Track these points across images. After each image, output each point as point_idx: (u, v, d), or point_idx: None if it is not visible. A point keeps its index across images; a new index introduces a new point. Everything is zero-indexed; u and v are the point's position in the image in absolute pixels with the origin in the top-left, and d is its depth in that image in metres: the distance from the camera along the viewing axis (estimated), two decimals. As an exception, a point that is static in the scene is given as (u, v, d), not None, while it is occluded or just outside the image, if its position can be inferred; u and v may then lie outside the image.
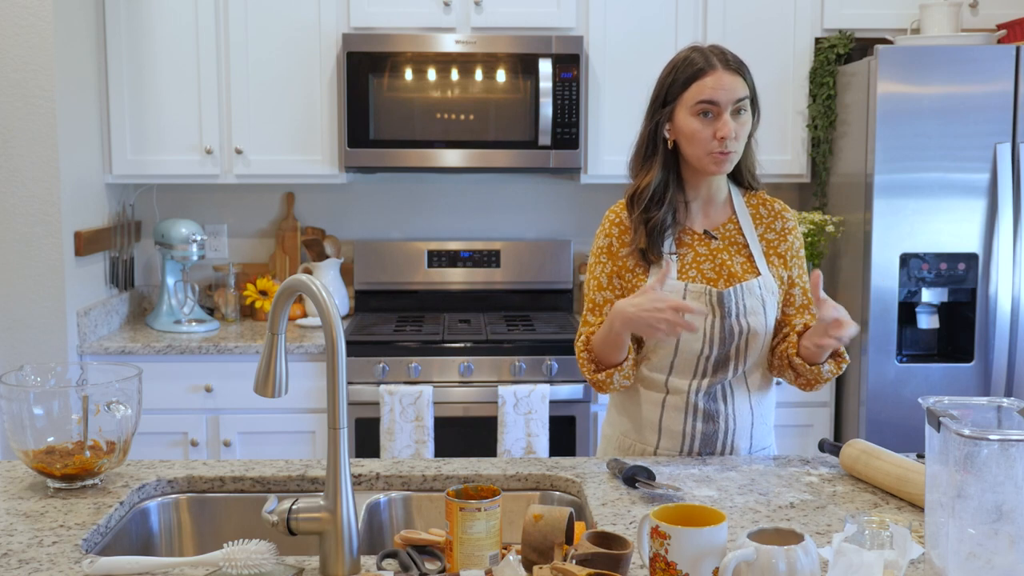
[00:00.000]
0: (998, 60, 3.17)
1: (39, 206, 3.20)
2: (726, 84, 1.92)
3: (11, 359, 3.17)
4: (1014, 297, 3.23)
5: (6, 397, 1.76)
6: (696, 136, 1.94)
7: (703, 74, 1.93)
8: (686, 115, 1.95)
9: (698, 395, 2.00)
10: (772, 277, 2.03)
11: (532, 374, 3.33)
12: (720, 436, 2.02)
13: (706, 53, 1.96)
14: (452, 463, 1.96)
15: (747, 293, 1.99)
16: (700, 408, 2.01)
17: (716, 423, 2.01)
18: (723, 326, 1.97)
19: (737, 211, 2.07)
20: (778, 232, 2.08)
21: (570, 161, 3.50)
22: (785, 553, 1.25)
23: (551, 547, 1.44)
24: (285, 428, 3.35)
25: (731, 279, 2.00)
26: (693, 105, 1.93)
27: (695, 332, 1.92)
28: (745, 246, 2.04)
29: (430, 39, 3.46)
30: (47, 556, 1.50)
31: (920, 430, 1.49)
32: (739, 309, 1.97)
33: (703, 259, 2.02)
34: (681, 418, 2.01)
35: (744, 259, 2.03)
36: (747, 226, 2.06)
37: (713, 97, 1.92)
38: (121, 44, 3.50)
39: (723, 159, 1.95)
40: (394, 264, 3.87)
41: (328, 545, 1.45)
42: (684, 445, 2.02)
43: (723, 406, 2.02)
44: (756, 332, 1.98)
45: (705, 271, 2.01)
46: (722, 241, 2.04)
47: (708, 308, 1.96)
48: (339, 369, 1.46)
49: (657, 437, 2.04)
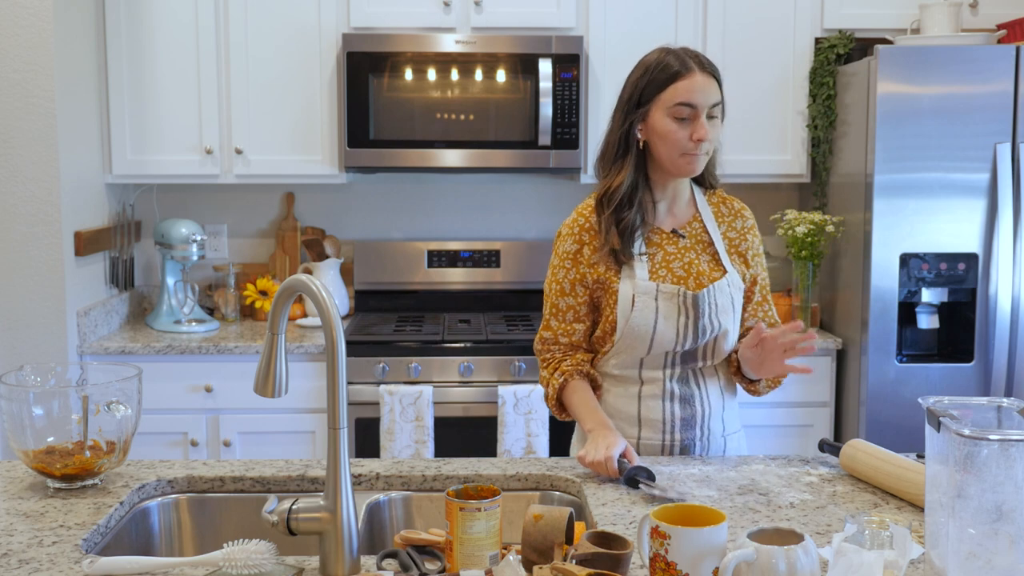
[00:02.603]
0: (998, 60, 3.17)
1: (39, 206, 3.20)
2: (703, 87, 1.95)
3: (11, 359, 3.17)
4: (1014, 297, 3.23)
5: (6, 397, 1.76)
6: (671, 137, 1.96)
7: (680, 76, 1.95)
8: (662, 116, 1.97)
9: (672, 380, 2.05)
10: (736, 274, 2.08)
11: (532, 374, 3.33)
12: (698, 418, 2.05)
13: (680, 56, 1.98)
14: (452, 463, 1.96)
15: (718, 292, 2.03)
16: (677, 393, 2.05)
17: (693, 406, 2.05)
18: (696, 326, 2.01)
19: (700, 209, 2.11)
20: (739, 231, 2.12)
21: (570, 161, 3.50)
22: (785, 553, 1.25)
23: (551, 547, 1.44)
24: (285, 428, 3.35)
25: (699, 277, 2.04)
26: (671, 107, 1.95)
27: None
28: (710, 244, 2.08)
29: (430, 39, 3.46)
30: (47, 556, 1.50)
31: (920, 430, 1.49)
32: (712, 309, 2.01)
33: (672, 258, 2.05)
34: (659, 405, 2.04)
35: (710, 257, 2.07)
36: (711, 224, 2.09)
37: (691, 100, 1.94)
38: (121, 44, 3.50)
39: (696, 160, 1.99)
40: (394, 264, 3.87)
41: (328, 545, 1.45)
42: (665, 433, 2.04)
43: (697, 389, 2.06)
44: (727, 329, 2.04)
45: (675, 270, 2.04)
46: (689, 239, 2.08)
47: (681, 309, 2.00)
48: (339, 369, 1.46)
49: (637, 429, 2.05)
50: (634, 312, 1.99)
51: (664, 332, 2.00)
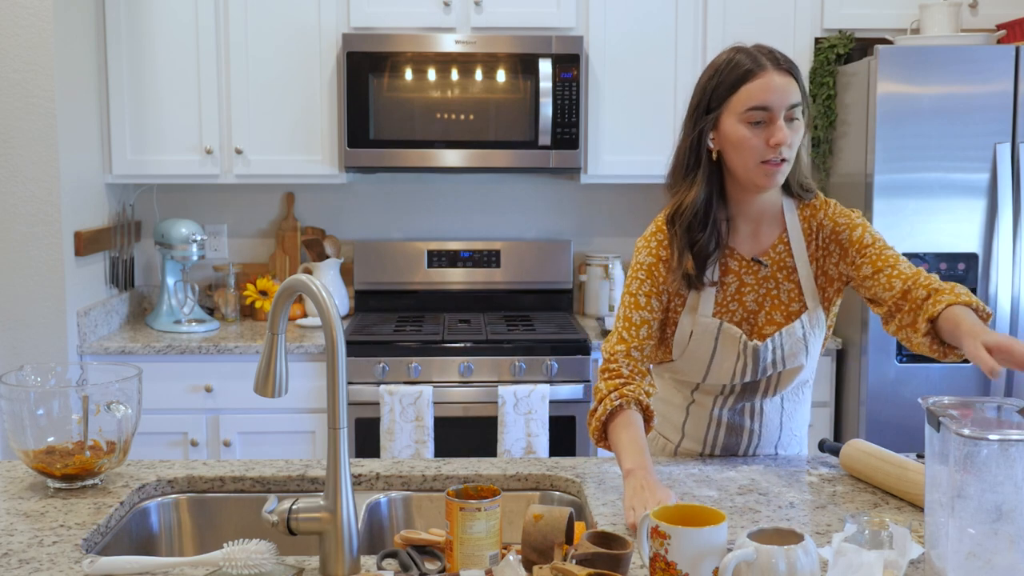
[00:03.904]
0: (998, 60, 3.17)
1: (39, 206, 3.20)
2: (779, 86, 1.73)
3: (11, 359, 3.17)
4: (1014, 297, 3.23)
5: (6, 397, 1.76)
6: (746, 144, 1.75)
7: (752, 76, 1.73)
8: (734, 122, 1.76)
9: (722, 409, 1.97)
10: (819, 307, 1.89)
11: (532, 374, 3.33)
12: (743, 447, 2.00)
13: (752, 53, 1.77)
14: (452, 463, 1.96)
15: (787, 338, 1.87)
16: (724, 422, 1.98)
17: (740, 436, 1.99)
18: (755, 369, 1.90)
19: (789, 229, 1.88)
20: (823, 238, 1.88)
21: (570, 161, 3.50)
22: (785, 553, 1.25)
23: (551, 547, 1.44)
24: (285, 428, 3.34)
25: (772, 311, 1.88)
26: (743, 112, 1.74)
27: None
28: (794, 271, 1.88)
29: (430, 39, 3.46)
30: (47, 556, 1.50)
31: (920, 430, 1.49)
32: (776, 356, 1.88)
33: (748, 290, 1.88)
34: (704, 427, 1.99)
35: (792, 286, 1.88)
36: (797, 247, 1.88)
37: (765, 101, 1.73)
38: (121, 44, 3.50)
39: (775, 170, 1.77)
40: (394, 264, 3.87)
41: (328, 545, 1.45)
42: (705, 448, 2.01)
43: (749, 421, 1.97)
44: (793, 369, 1.91)
45: (747, 304, 1.88)
46: (772, 266, 1.89)
47: (740, 355, 1.87)
48: (339, 369, 1.46)
49: (680, 436, 2.03)
50: (690, 347, 1.89)
51: (719, 369, 1.89)
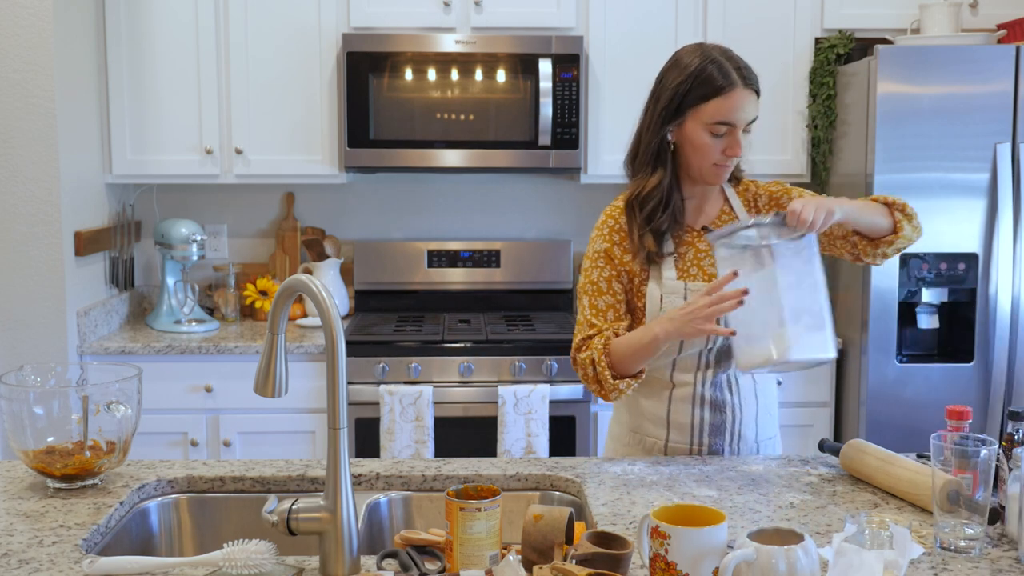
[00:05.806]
0: (998, 60, 3.17)
1: (39, 206, 3.20)
2: (744, 105, 1.92)
3: (11, 359, 3.17)
4: (1014, 297, 3.23)
5: (6, 397, 1.76)
6: (705, 149, 1.95)
7: (722, 92, 1.91)
8: (698, 128, 1.94)
9: (704, 386, 2.02)
10: None
11: (532, 374, 3.33)
12: (728, 424, 2.03)
13: (725, 68, 1.92)
14: (452, 463, 1.96)
15: None
16: (707, 398, 2.02)
17: (723, 412, 2.03)
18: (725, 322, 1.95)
19: (730, 200, 2.09)
20: (762, 203, 2.09)
21: (570, 161, 3.50)
22: (785, 553, 1.25)
23: (551, 547, 1.44)
24: (285, 428, 3.34)
25: None
26: (709, 123, 1.93)
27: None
28: None
29: (430, 39, 3.46)
30: (47, 556, 1.50)
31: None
32: None
33: (703, 255, 2.03)
34: (688, 409, 2.02)
35: None
36: (742, 214, 2.07)
37: (732, 119, 1.92)
38: (121, 44, 3.50)
39: (725, 171, 1.99)
40: (394, 264, 3.87)
41: (328, 545, 1.45)
42: (693, 437, 2.03)
43: (729, 395, 2.03)
44: None
45: (705, 267, 2.02)
46: None
47: None
48: (339, 369, 1.46)
49: (666, 431, 2.04)
50: (662, 312, 1.97)
51: None
